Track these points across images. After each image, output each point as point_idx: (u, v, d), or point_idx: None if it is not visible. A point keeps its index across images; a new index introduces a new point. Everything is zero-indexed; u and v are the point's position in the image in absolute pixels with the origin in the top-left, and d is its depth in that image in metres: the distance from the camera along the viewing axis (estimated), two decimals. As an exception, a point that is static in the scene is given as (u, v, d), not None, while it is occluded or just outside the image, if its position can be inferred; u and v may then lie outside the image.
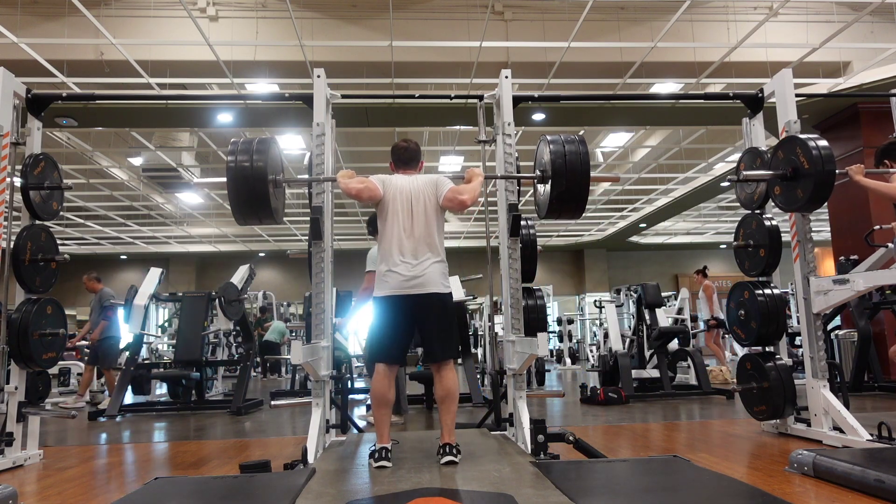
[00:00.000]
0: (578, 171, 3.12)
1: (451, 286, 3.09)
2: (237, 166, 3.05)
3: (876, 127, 7.87)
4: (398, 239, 2.98)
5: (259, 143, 3.11)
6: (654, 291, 7.70)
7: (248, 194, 3.06)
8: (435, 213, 3.05)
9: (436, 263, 2.99)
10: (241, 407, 6.24)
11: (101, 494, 3.08)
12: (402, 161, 3.25)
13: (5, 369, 3.76)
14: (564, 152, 3.15)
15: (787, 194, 3.86)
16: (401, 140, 3.30)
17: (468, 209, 3.23)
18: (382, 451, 2.84)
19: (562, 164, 3.12)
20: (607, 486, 2.51)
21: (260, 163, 3.06)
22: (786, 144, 3.86)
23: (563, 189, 3.13)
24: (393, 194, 3.04)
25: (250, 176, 3.04)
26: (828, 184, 3.62)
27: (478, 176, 3.15)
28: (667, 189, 13.45)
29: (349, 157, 11.25)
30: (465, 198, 2.99)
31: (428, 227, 3.02)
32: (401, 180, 3.10)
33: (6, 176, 3.78)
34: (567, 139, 3.21)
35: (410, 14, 7.49)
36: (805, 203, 3.74)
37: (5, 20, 6.40)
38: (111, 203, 13.35)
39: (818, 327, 3.99)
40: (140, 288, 7.54)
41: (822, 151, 3.61)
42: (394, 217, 3.01)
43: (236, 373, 9.04)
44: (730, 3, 7.63)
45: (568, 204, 3.20)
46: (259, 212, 3.14)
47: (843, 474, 2.71)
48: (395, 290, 2.95)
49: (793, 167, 3.76)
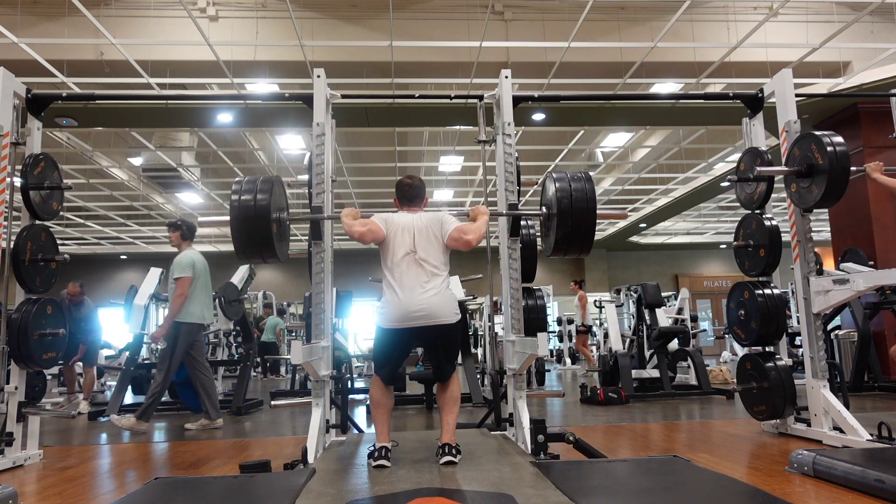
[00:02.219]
0: (584, 211, 3.04)
1: (458, 310, 3.01)
2: (240, 205, 3.00)
3: (876, 127, 7.88)
4: (401, 269, 2.92)
5: (263, 183, 3.08)
6: (654, 291, 7.70)
7: (252, 234, 3.01)
8: (440, 248, 3.00)
9: (443, 291, 2.93)
10: (241, 407, 6.24)
11: (101, 494, 3.08)
12: (406, 198, 3.21)
13: (5, 369, 3.76)
14: (570, 192, 3.07)
15: (802, 191, 3.88)
16: (405, 177, 3.28)
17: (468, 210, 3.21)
18: (382, 449, 2.84)
19: (567, 205, 3.04)
20: (607, 486, 2.51)
21: (263, 202, 3.01)
22: (802, 140, 3.87)
23: (568, 230, 3.07)
24: (395, 231, 3.00)
25: (253, 216, 2.99)
26: (842, 181, 3.64)
27: (483, 214, 3.10)
28: (667, 189, 13.45)
29: (349, 157, 11.26)
30: (471, 238, 2.95)
31: (434, 258, 2.96)
32: (404, 218, 3.07)
33: (6, 176, 3.78)
34: (573, 177, 3.13)
35: (410, 14, 7.49)
36: (820, 200, 3.75)
37: (5, 20, 6.40)
38: (111, 203, 13.35)
39: (818, 327, 3.99)
40: (140, 288, 7.54)
41: (836, 148, 3.63)
42: (397, 251, 2.96)
43: (236, 373, 9.04)
44: (730, 3, 7.63)
45: (574, 244, 3.15)
46: (263, 251, 3.09)
47: (843, 474, 2.71)
48: (401, 323, 2.90)
49: (808, 164, 3.77)
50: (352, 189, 12.75)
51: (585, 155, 11.29)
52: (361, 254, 19.44)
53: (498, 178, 3.91)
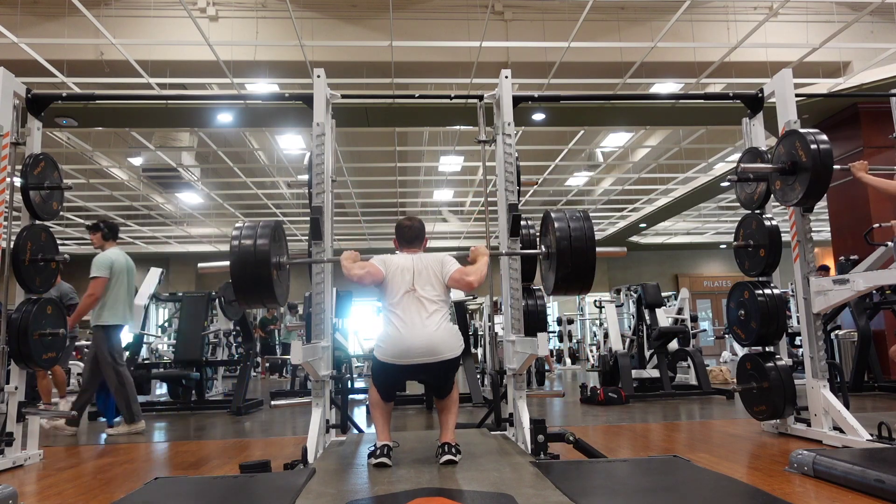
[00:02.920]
0: (583, 251, 3.04)
1: (461, 340, 2.97)
2: (240, 250, 2.98)
3: (876, 127, 7.88)
4: (403, 304, 2.90)
5: (262, 228, 3.06)
6: (654, 291, 7.70)
7: (252, 280, 3.00)
8: (441, 287, 2.98)
9: (444, 325, 2.90)
10: (241, 407, 6.24)
11: (101, 494, 3.08)
12: (405, 240, 3.19)
13: (5, 369, 3.76)
14: (569, 232, 3.06)
15: (785, 188, 3.88)
16: (405, 218, 3.24)
17: (468, 210, 3.20)
18: (384, 447, 2.84)
19: (567, 246, 3.03)
20: (607, 486, 2.51)
21: (263, 247, 2.99)
22: (786, 139, 3.87)
23: (568, 272, 3.07)
24: (394, 271, 2.98)
25: (253, 261, 2.97)
26: (824, 178, 3.64)
27: (483, 255, 3.09)
28: (667, 189, 13.45)
29: (349, 157, 11.26)
30: (473, 279, 2.94)
31: (434, 294, 2.94)
32: (403, 259, 3.05)
33: (6, 176, 3.78)
34: (572, 216, 3.12)
35: (410, 14, 7.49)
36: (802, 197, 3.76)
37: (5, 20, 6.40)
38: (111, 203, 13.35)
39: (818, 327, 3.99)
40: (140, 288, 7.55)
41: (820, 146, 3.63)
42: (396, 289, 2.94)
43: (236, 373, 9.04)
44: (730, 3, 7.63)
45: (574, 284, 3.15)
46: (263, 297, 3.07)
47: (843, 474, 2.71)
48: (401, 360, 2.86)
49: (792, 161, 3.78)
50: (352, 189, 12.75)
51: (585, 155, 11.29)
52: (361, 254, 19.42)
53: (498, 178, 3.91)
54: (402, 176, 12.25)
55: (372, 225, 16.36)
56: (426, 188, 13.65)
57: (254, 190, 12.61)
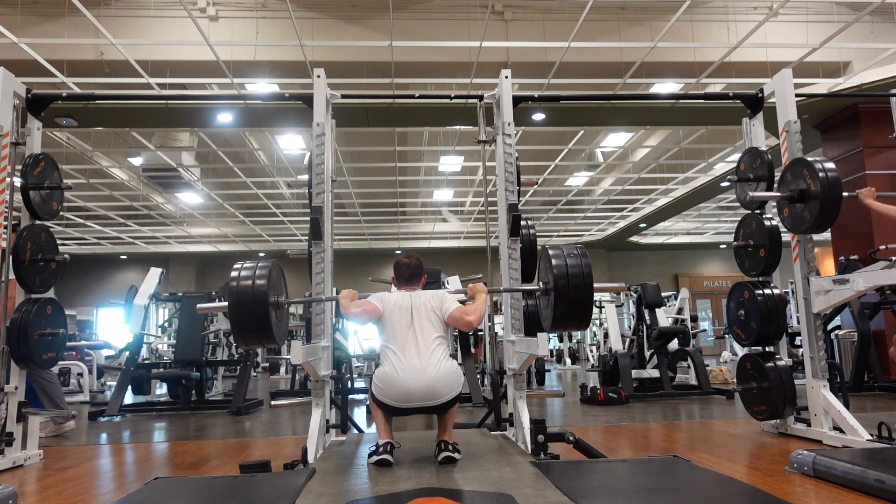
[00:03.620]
0: (581, 288, 3.06)
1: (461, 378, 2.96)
2: (238, 291, 2.97)
3: (876, 127, 7.88)
4: (400, 345, 2.88)
5: (260, 268, 3.06)
6: (654, 291, 7.70)
7: (250, 320, 2.98)
8: (440, 324, 2.97)
9: (444, 364, 2.86)
10: (241, 407, 6.24)
11: (101, 494, 3.08)
12: (404, 278, 3.17)
13: (5, 369, 3.76)
14: (566, 269, 3.07)
15: (794, 216, 3.89)
16: (403, 256, 3.23)
17: (468, 210, 3.20)
18: (386, 445, 2.84)
19: (564, 285, 3.03)
20: (607, 486, 2.51)
21: (261, 287, 2.98)
22: (794, 166, 3.88)
23: (566, 310, 3.08)
24: (391, 308, 2.97)
25: (251, 301, 2.95)
26: (834, 207, 3.64)
27: (481, 293, 3.08)
28: (667, 189, 13.45)
29: (349, 157, 11.26)
30: (472, 319, 2.93)
31: (433, 330, 2.93)
32: (401, 296, 3.04)
33: (6, 176, 3.78)
34: (569, 253, 3.12)
35: (410, 14, 7.49)
36: (811, 226, 3.77)
37: (5, 20, 6.40)
38: (111, 203, 13.35)
39: (818, 327, 3.99)
40: (140, 288, 7.55)
41: (828, 174, 3.63)
42: (394, 327, 2.93)
43: (236, 373, 9.04)
44: (730, 3, 7.63)
45: (572, 321, 3.16)
46: (261, 337, 3.07)
47: (843, 474, 2.71)
48: (397, 403, 2.84)
49: (800, 190, 3.78)
50: (352, 189, 12.76)
51: (585, 155, 11.29)
52: (362, 254, 19.47)
53: (498, 178, 3.91)
54: (402, 176, 12.25)
55: (372, 225, 16.36)
56: (426, 188, 13.65)
57: (254, 190, 12.61)
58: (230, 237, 17.32)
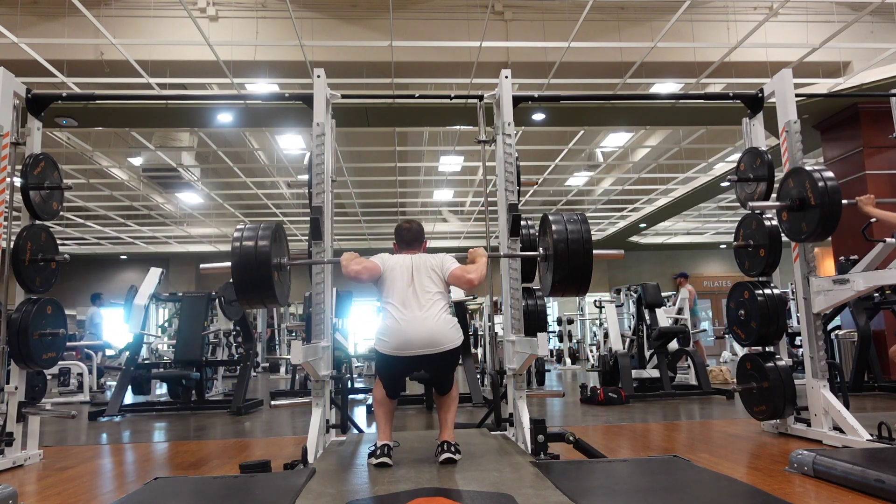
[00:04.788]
0: (581, 254, 3.07)
1: (460, 332, 3.00)
2: (241, 251, 2.99)
3: (876, 127, 7.87)
4: (401, 298, 2.92)
5: (263, 229, 3.08)
6: (654, 291, 7.70)
7: (252, 280, 3.01)
8: (440, 282, 3.00)
9: (443, 314, 2.92)
10: (241, 407, 6.24)
11: (101, 494, 3.08)
12: (404, 242, 3.22)
13: (5, 369, 3.76)
14: (566, 234, 3.10)
15: (793, 224, 3.89)
16: (404, 221, 3.28)
17: (468, 210, 3.19)
18: (384, 447, 2.85)
19: (564, 249, 3.06)
20: (607, 486, 2.51)
21: (264, 248, 3.01)
22: (793, 176, 3.88)
23: (565, 274, 3.10)
24: (392, 266, 3.01)
25: (254, 263, 2.99)
26: (833, 217, 3.64)
27: (481, 256, 3.11)
28: (667, 189, 13.45)
29: (349, 157, 11.26)
30: (473, 277, 2.96)
31: (433, 285, 2.97)
32: (402, 258, 3.08)
33: (6, 176, 3.78)
34: (569, 218, 3.15)
35: (410, 14, 7.49)
36: (809, 235, 3.77)
37: (5, 20, 6.40)
38: (111, 203, 13.35)
39: (818, 327, 3.99)
40: (140, 288, 7.54)
41: (828, 185, 3.63)
42: (395, 284, 2.96)
43: (236, 373, 9.04)
44: (730, 3, 7.63)
45: (571, 286, 3.18)
46: (264, 297, 3.09)
47: (843, 474, 2.71)
48: (399, 352, 2.88)
49: (800, 199, 3.78)
50: (352, 189, 12.75)
51: (585, 155, 11.29)
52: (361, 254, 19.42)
53: (498, 178, 3.91)
54: (402, 176, 12.25)
55: (372, 225, 16.36)
56: (426, 188, 13.65)
57: (254, 190, 12.61)
58: (230, 237, 17.28)
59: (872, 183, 7.79)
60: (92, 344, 9.72)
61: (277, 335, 14.64)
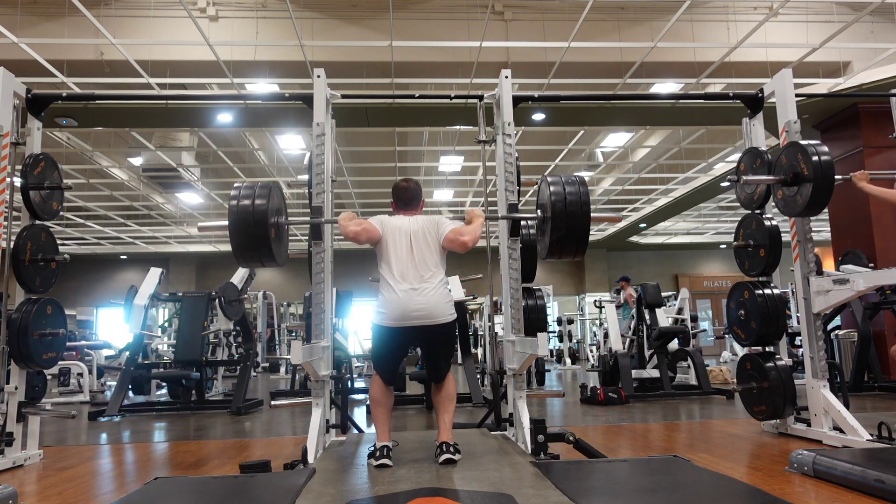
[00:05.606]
0: (578, 215, 3.08)
1: (454, 308, 3.05)
2: (238, 210, 3.01)
3: (876, 127, 7.87)
4: (398, 268, 2.96)
5: (261, 188, 3.09)
6: (654, 291, 7.70)
7: (250, 238, 3.03)
8: (437, 249, 3.03)
9: (439, 289, 2.96)
10: (241, 407, 6.24)
11: (101, 494, 3.08)
12: (402, 201, 3.23)
13: (5, 369, 3.76)
14: (564, 195, 3.10)
15: (788, 199, 3.90)
16: (401, 180, 3.29)
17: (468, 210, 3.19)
18: (384, 449, 2.85)
19: (562, 209, 3.07)
20: (607, 486, 2.51)
21: (261, 206, 3.02)
22: (788, 149, 3.88)
23: (562, 234, 3.10)
24: (392, 232, 3.03)
25: (251, 221, 3.00)
26: (826, 190, 3.65)
27: (478, 217, 3.12)
28: (667, 189, 13.45)
29: (349, 157, 11.26)
30: (467, 239, 2.97)
31: (430, 257, 3.00)
32: (400, 220, 3.09)
33: (6, 176, 3.78)
34: (567, 180, 3.17)
35: (410, 14, 7.49)
36: (804, 208, 3.77)
37: (5, 20, 6.40)
38: (111, 203, 13.35)
39: (818, 327, 3.99)
40: (140, 288, 7.54)
41: (821, 157, 3.64)
42: (394, 251, 2.99)
43: (236, 373, 9.04)
44: (730, 3, 7.63)
45: (568, 247, 3.18)
46: (261, 256, 3.10)
47: (843, 474, 2.71)
48: (396, 322, 2.92)
49: (793, 172, 3.79)
50: (352, 189, 12.75)
51: (585, 155, 11.29)
52: (361, 254, 19.41)
53: (498, 178, 3.91)
54: (402, 176, 12.24)
55: (372, 225, 16.34)
56: (426, 188, 13.63)
57: (254, 190, 12.58)
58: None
59: (872, 183, 7.77)
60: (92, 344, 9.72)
61: (277, 335, 14.64)
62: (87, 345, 9.78)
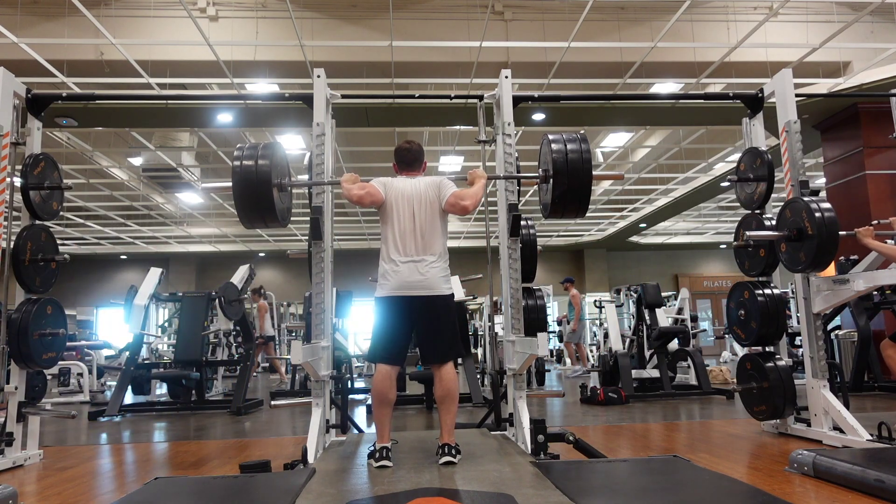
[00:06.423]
0: (580, 171, 3.11)
1: (452, 287, 3.11)
2: (242, 170, 3.04)
3: (876, 127, 7.87)
4: (401, 239, 3.00)
5: (264, 148, 3.12)
6: (654, 291, 7.70)
7: (253, 198, 3.06)
8: (438, 215, 3.06)
9: (438, 264, 3.01)
10: (241, 407, 6.24)
11: (101, 494, 3.08)
12: (404, 163, 3.24)
13: (5, 369, 3.76)
14: (566, 151, 3.14)
15: (792, 255, 3.91)
16: (403, 141, 3.30)
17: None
18: (383, 450, 2.84)
19: (563, 164, 3.11)
20: (607, 486, 2.51)
21: (265, 167, 3.05)
22: (791, 205, 3.89)
23: (565, 188, 3.12)
24: (395, 197, 3.05)
25: (255, 180, 3.04)
26: (830, 249, 3.67)
27: (480, 178, 3.14)
28: (667, 189, 13.45)
29: (349, 157, 11.25)
30: (467, 203, 3.00)
31: (432, 227, 3.03)
32: (403, 183, 3.10)
33: (6, 176, 3.78)
34: (569, 138, 3.21)
35: (410, 14, 7.49)
36: (808, 265, 3.79)
37: (5, 20, 6.40)
38: (111, 203, 13.35)
39: (818, 327, 3.99)
40: (140, 288, 7.54)
41: (825, 216, 3.65)
42: (396, 218, 3.03)
43: (236, 373, 9.03)
44: (730, 3, 7.63)
45: (570, 203, 3.20)
46: (264, 215, 3.14)
47: (843, 474, 2.71)
48: (397, 291, 2.97)
49: (797, 229, 3.80)
50: (352, 189, 12.73)
51: (585, 155, 11.27)
52: (361, 254, 19.44)
53: (498, 178, 3.91)
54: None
55: (372, 225, 16.34)
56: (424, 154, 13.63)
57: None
58: (230, 237, 17.31)
59: (872, 183, 7.79)
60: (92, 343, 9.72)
61: (277, 335, 14.61)
62: (87, 345, 9.78)
